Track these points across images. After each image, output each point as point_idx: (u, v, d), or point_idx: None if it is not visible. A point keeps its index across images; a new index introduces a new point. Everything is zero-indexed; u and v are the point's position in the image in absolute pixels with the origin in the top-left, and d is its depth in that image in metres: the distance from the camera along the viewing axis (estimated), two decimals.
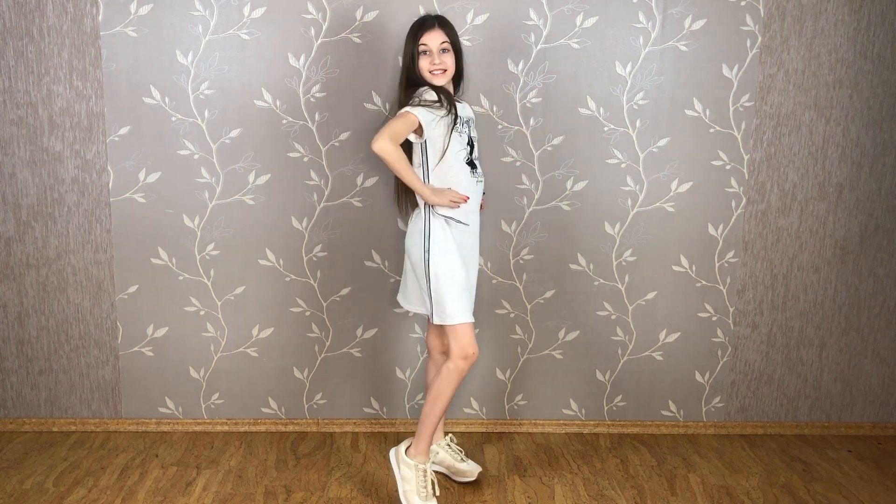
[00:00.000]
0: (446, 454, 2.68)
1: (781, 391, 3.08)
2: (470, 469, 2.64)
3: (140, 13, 2.75)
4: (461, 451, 2.71)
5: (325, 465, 2.76)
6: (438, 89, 2.41)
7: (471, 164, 2.45)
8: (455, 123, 2.39)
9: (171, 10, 2.75)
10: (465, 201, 2.41)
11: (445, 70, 2.40)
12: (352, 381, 3.01)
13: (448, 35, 2.41)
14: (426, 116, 2.34)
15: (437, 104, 2.38)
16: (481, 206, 2.56)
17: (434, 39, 2.39)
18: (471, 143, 2.46)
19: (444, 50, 2.40)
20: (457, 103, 2.47)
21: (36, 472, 2.67)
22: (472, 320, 2.42)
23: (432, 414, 2.45)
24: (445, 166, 2.41)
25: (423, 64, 2.40)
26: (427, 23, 2.42)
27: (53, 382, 2.98)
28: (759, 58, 2.84)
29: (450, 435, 2.74)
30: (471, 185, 2.44)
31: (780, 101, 2.88)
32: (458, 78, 2.52)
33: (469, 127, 2.48)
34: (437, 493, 2.46)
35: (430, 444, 2.49)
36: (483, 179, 2.53)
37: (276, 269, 2.93)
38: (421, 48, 2.40)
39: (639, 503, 2.54)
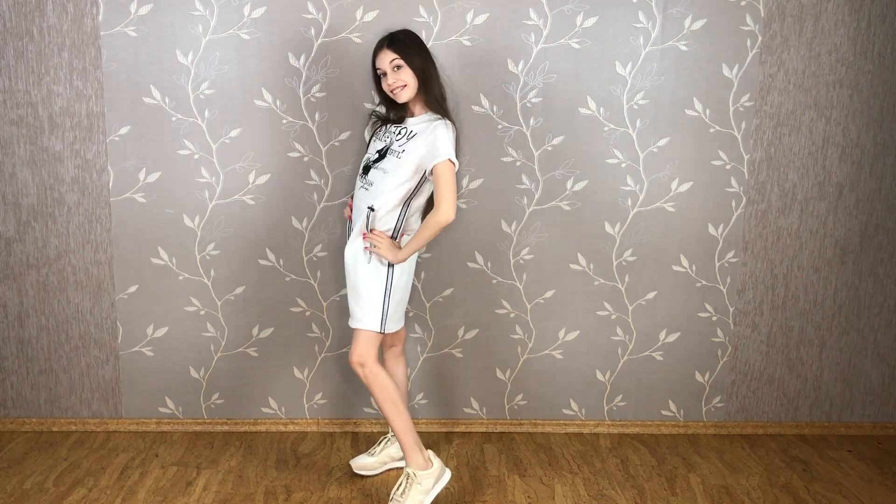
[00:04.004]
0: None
1: (781, 391, 3.08)
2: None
3: (140, 13, 2.75)
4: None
5: (325, 465, 2.76)
6: (389, 104, 2.50)
7: (366, 168, 2.48)
8: (378, 128, 2.54)
9: (171, 10, 2.75)
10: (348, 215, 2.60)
11: (405, 85, 2.40)
12: (351, 380, 3.01)
13: (399, 51, 2.38)
14: (367, 124, 2.74)
15: (372, 114, 2.67)
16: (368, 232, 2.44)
17: (383, 61, 2.40)
18: (383, 152, 2.44)
19: (397, 66, 2.39)
20: (410, 118, 2.47)
21: (36, 472, 2.67)
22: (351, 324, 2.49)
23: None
24: None
25: (384, 86, 2.44)
26: (379, 45, 2.43)
27: (53, 382, 2.98)
28: (759, 58, 2.85)
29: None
30: (356, 188, 2.51)
31: (780, 101, 2.88)
32: (429, 90, 2.44)
33: (394, 139, 2.44)
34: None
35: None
36: (370, 189, 2.43)
37: (276, 269, 2.93)
38: (378, 72, 2.44)
39: (639, 503, 2.54)
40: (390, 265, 2.42)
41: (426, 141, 2.36)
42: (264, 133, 2.83)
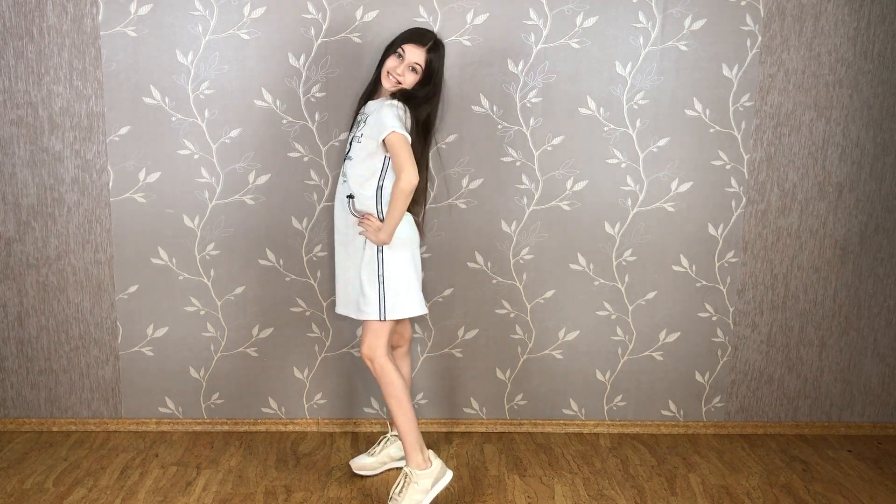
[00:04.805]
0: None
1: (781, 391, 3.08)
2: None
3: (140, 13, 2.75)
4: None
5: (325, 465, 2.76)
6: (374, 84, 2.54)
7: (344, 161, 2.52)
8: (352, 125, 2.56)
9: (171, 10, 2.75)
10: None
11: (401, 84, 2.44)
12: (351, 380, 3.01)
13: (427, 61, 2.44)
14: None
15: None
16: (361, 217, 2.46)
17: (412, 55, 2.43)
18: (351, 143, 2.48)
19: (413, 69, 2.44)
20: (371, 101, 2.52)
21: (36, 472, 2.67)
22: (341, 312, 2.58)
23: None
24: None
25: (390, 62, 2.45)
26: (421, 38, 2.44)
27: (53, 382, 2.98)
28: (759, 58, 2.85)
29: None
30: (338, 185, 2.54)
31: (780, 101, 2.88)
32: (414, 93, 2.47)
33: (359, 126, 2.48)
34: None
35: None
36: (346, 180, 2.47)
37: (276, 269, 2.93)
38: (398, 51, 2.44)
39: (639, 503, 2.54)
40: (380, 252, 2.43)
41: (373, 120, 2.40)
42: (264, 133, 2.83)
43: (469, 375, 3.02)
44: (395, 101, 2.40)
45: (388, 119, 2.35)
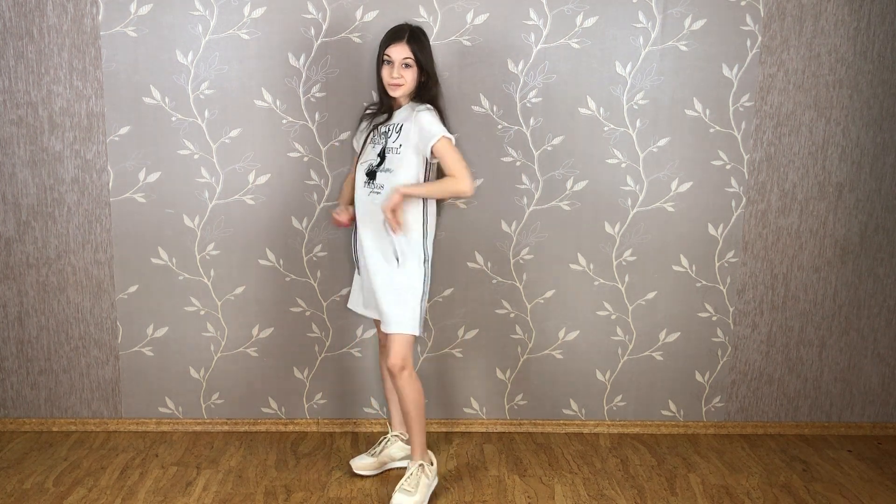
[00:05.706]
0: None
1: (781, 391, 3.08)
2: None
3: (140, 13, 2.75)
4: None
5: (325, 465, 2.76)
6: (383, 99, 2.51)
7: (370, 173, 2.46)
8: (370, 133, 2.50)
9: (171, 10, 2.75)
10: (338, 225, 2.60)
11: (402, 85, 2.42)
12: (352, 381, 3.01)
13: (414, 51, 2.41)
14: (355, 132, 2.69)
15: (361, 119, 2.64)
16: (393, 225, 2.39)
17: (398, 53, 2.41)
18: (382, 154, 2.44)
19: (406, 65, 2.42)
20: (396, 111, 2.49)
21: (36, 472, 2.67)
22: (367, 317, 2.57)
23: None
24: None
25: (384, 74, 2.44)
26: (397, 35, 2.43)
27: (53, 382, 2.98)
28: (759, 58, 2.85)
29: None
30: (360, 196, 2.49)
31: (780, 101, 2.88)
32: (425, 89, 2.47)
33: (388, 137, 2.44)
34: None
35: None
36: (382, 192, 2.42)
37: (276, 269, 2.93)
38: (385, 58, 2.43)
39: (639, 503, 2.54)
40: (427, 268, 2.46)
41: (414, 129, 2.40)
42: (264, 133, 2.83)
43: (469, 375, 3.02)
44: (427, 105, 2.42)
45: (430, 125, 2.37)
